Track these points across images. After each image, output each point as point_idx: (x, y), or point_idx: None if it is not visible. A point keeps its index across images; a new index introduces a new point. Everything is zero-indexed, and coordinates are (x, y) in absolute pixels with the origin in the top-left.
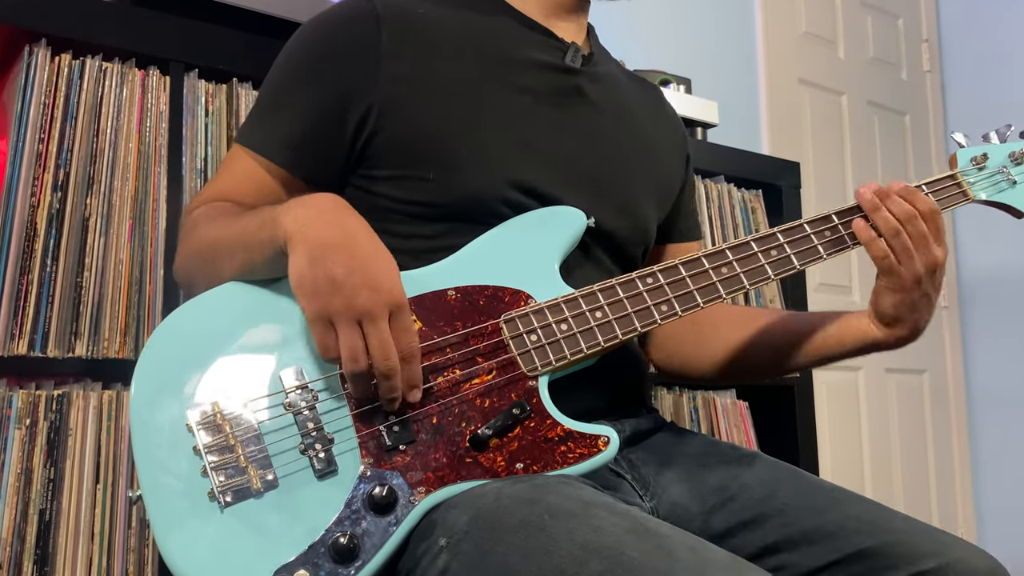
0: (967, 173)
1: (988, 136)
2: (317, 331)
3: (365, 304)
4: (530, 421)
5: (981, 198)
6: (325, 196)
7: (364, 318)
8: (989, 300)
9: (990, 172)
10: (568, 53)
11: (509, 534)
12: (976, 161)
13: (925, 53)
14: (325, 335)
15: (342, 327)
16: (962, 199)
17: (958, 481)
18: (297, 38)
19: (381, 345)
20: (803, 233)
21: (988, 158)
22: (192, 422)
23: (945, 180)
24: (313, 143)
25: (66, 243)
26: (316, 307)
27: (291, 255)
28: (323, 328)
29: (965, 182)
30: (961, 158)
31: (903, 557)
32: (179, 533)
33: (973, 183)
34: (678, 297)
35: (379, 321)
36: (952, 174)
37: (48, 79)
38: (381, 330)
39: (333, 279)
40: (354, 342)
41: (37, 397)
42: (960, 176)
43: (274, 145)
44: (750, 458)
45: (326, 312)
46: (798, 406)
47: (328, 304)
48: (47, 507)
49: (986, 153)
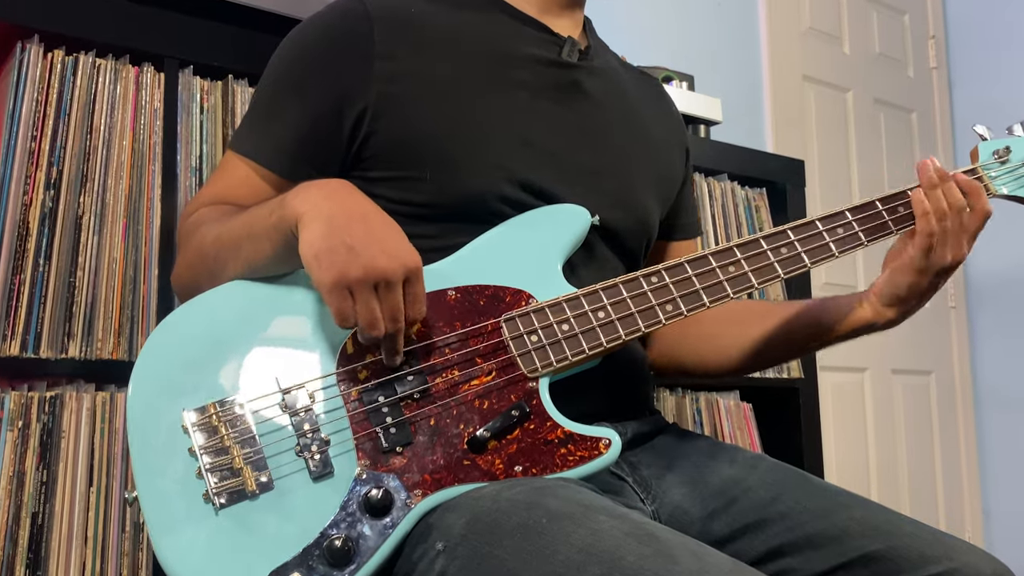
0: (988, 167)
1: (1012, 129)
2: (335, 299)
3: (384, 269)
4: (530, 423)
5: (1003, 192)
6: (333, 179)
7: (381, 283)
8: (997, 300)
9: (1013, 166)
10: (564, 48)
11: (507, 538)
12: (999, 155)
13: (932, 49)
14: (343, 303)
15: (360, 293)
16: None
17: (965, 484)
18: (288, 42)
19: (392, 309)
20: (815, 230)
21: (1011, 151)
22: (188, 423)
23: (967, 174)
24: (308, 148)
25: (59, 242)
26: (334, 275)
27: (303, 231)
28: (341, 296)
29: (986, 176)
30: (983, 151)
31: (909, 561)
32: (174, 535)
33: (995, 177)
34: (683, 296)
35: (395, 286)
36: (973, 168)
37: (41, 76)
38: (395, 294)
39: (351, 247)
40: (372, 308)
41: (30, 399)
42: (981, 170)
43: (269, 152)
44: (753, 461)
45: (344, 279)
46: (803, 408)
47: (347, 271)
48: (40, 510)
49: (1009, 147)
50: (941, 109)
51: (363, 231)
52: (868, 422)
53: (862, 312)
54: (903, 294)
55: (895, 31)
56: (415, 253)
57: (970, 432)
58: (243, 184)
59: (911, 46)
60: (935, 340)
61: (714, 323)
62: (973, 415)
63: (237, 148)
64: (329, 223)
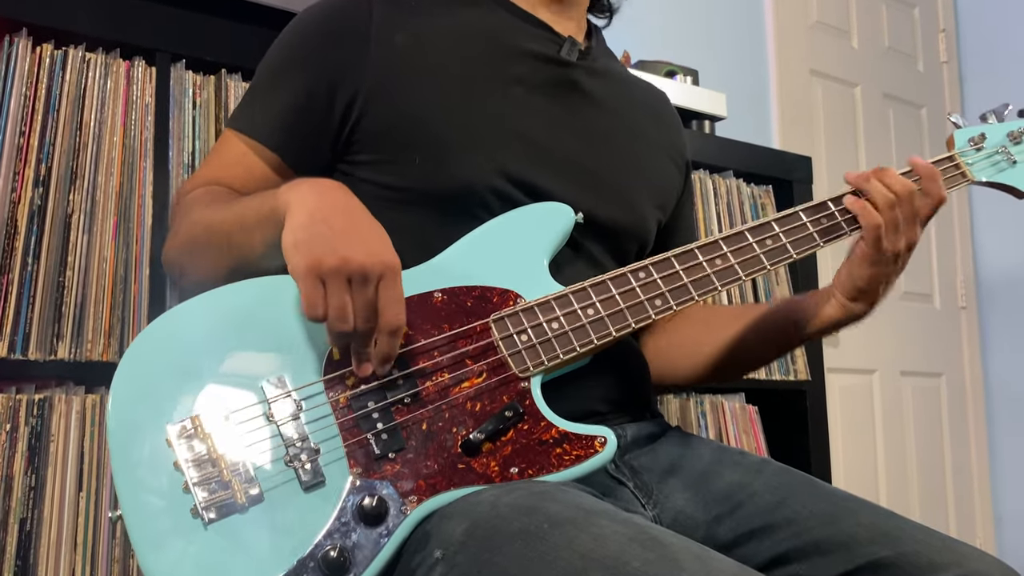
0: (965, 154)
1: (985, 116)
2: (306, 286)
3: (359, 262)
4: (523, 424)
5: (981, 179)
6: (327, 180)
7: (355, 277)
8: (1008, 300)
9: (988, 152)
10: (564, 46)
11: (507, 544)
12: (974, 142)
13: (942, 43)
14: (313, 291)
15: (332, 284)
16: (962, 180)
17: (976, 488)
18: (291, 26)
19: (365, 307)
20: (798, 221)
21: (986, 138)
22: (171, 436)
23: (944, 161)
24: (301, 127)
25: (48, 241)
26: (308, 261)
27: (288, 220)
28: (312, 283)
29: (964, 163)
30: (958, 139)
31: (918, 568)
32: (162, 553)
33: (972, 164)
34: (672, 291)
35: (369, 283)
36: (951, 155)
37: (29, 70)
38: (368, 291)
39: (328, 238)
40: (343, 300)
41: (18, 401)
42: (959, 157)
43: (264, 128)
44: (759, 465)
45: (318, 267)
46: (810, 410)
47: (321, 259)
48: (28, 516)
49: (984, 133)
50: (952, 104)
51: (345, 224)
52: (877, 425)
53: (829, 309)
54: (864, 286)
55: (905, 24)
56: (395, 255)
57: (981, 435)
58: (239, 162)
59: (921, 40)
60: (945, 341)
61: (684, 330)
62: (984, 418)
63: (233, 124)
64: (313, 213)
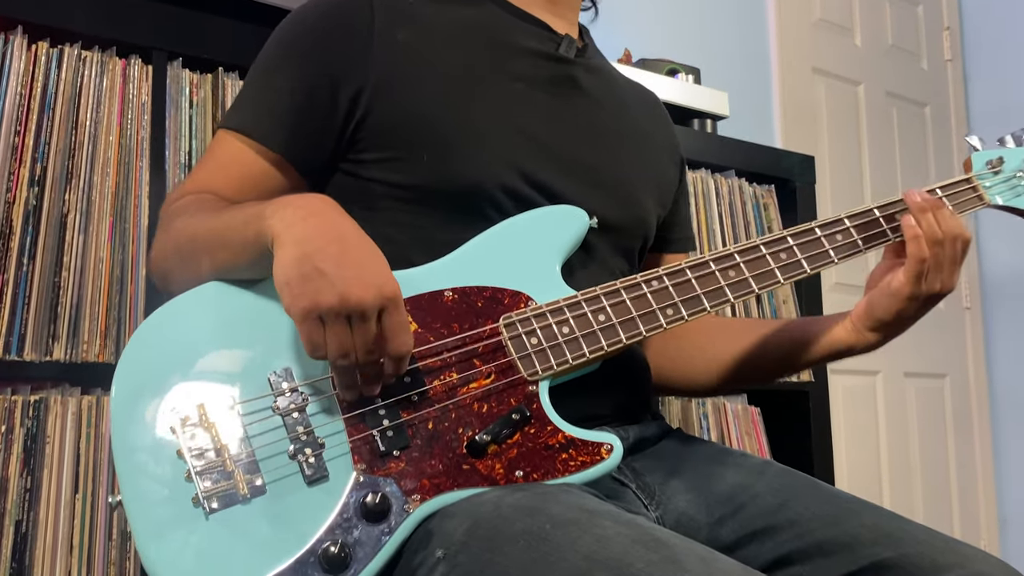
0: (983, 177)
1: (1004, 140)
2: (305, 329)
3: (357, 298)
4: (530, 427)
5: (997, 203)
6: (314, 196)
7: (354, 314)
8: (1013, 301)
9: (1006, 176)
10: (562, 44)
11: (509, 544)
12: (992, 165)
13: (946, 41)
14: (313, 332)
15: (332, 324)
16: (978, 203)
17: (981, 489)
18: (287, 22)
19: (365, 343)
20: (813, 236)
21: (1004, 162)
22: (176, 424)
23: (961, 184)
24: (304, 124)
25: (43, 241)
26: (304, 304)
27: (277, 253)
28: (311, 325)
29: (981, 186)
30: (976, 161)
31: (921, 569)
32: (162, 542)
33: (989, 187)
34: (684, 301)
35: (369, 318)
36: (968, 178)
37: (24, 69)
38: (369, 327)
39: (322, 274)
40: (343, 338)
41: (13, 403)
42: (976, 180)
43: (264, 126)
44: (761, 466)
45: (315, 308)
46: (813, 412)
47: (317, 301)
48: (23, 518)
49: (1002, 157)
50: (956, 103)
51: (337, 255)
52: (880, 427)
53: (842, 335)
54: (889, 319)
55: (908, 22)
56: (393, 281)
57: (985, 437)
58: (234, 162)
59: (925, 38)
60: (949, 342)
61: (694, 337)
62: (988, 419)
63: (228, 123)
64: (300, 248)
